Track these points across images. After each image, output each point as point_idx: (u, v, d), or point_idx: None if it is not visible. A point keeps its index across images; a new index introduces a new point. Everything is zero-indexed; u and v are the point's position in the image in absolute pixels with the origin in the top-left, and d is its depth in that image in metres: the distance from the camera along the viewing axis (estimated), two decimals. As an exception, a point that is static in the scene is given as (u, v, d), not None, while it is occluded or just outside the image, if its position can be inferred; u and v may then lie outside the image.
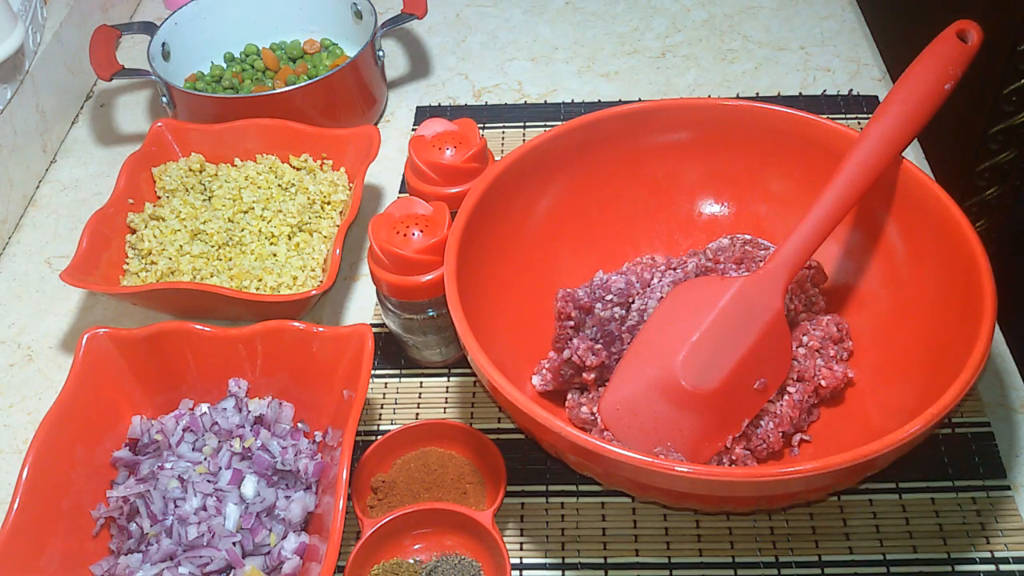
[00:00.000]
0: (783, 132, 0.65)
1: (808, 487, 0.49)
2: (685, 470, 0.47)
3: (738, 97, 0.86)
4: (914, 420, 0.48)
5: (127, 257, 0.73)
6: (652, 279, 0.63)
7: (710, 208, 0.70)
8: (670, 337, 0.58)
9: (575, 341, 0.60)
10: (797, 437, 0.59)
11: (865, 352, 0.62)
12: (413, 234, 0.60)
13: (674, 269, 0.64)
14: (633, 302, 0.62)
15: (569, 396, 0.61)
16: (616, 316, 0.61)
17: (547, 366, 0.61)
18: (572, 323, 0.61)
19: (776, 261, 0.58)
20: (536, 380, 0.61)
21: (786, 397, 0.59)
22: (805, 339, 0.61)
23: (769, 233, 0.68)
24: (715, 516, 0.59)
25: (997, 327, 0.65)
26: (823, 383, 0.59)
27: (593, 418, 0.59)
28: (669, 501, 0.56)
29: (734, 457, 0.57)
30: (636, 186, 0.69)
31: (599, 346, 0.60)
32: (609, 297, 0.61)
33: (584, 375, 0.60)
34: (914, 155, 0.79)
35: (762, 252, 0.65)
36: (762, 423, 0.58)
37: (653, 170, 0.68)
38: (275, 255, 0.72)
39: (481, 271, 0.60)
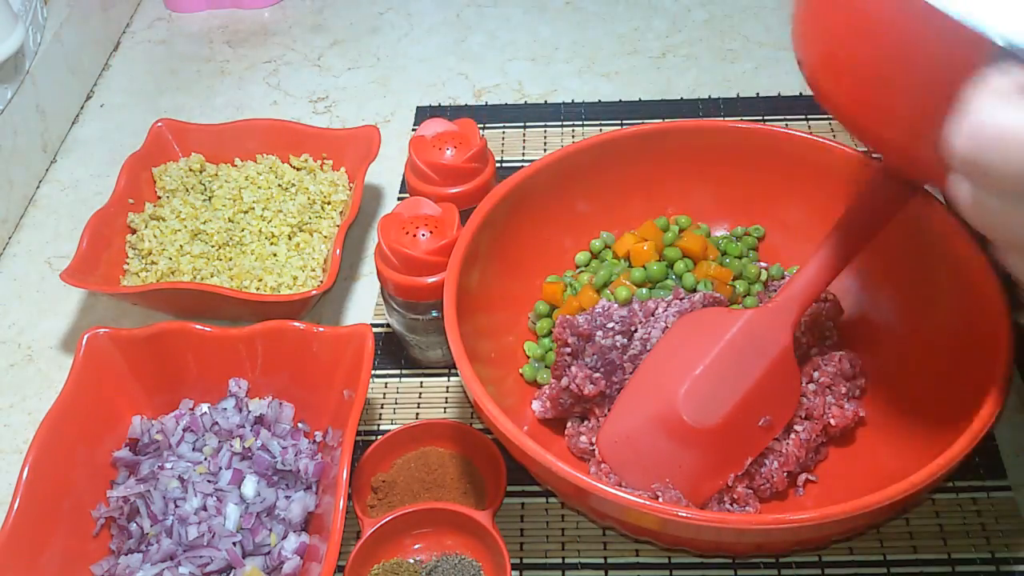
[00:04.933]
0: (802, 157, 0.63)
1: (803, 536, 0.47)
2: (681, 512, 0.46)
3: (738, 97, 0.86)
4: (921, 471, 0.46)
5: (127, 257, 0.73)
6: (656, 308, 0.60)
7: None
8: (673, 369, 0.56)
9: (573, 369, 0.58)
10: (803, 477, 0.57)
11: (879, 389, 0.60)
12: (421, 235, 0.60)
13: (680, 299, 0.61)
14: (636, 330, 0.60)
15: (568, 424, 0.60)
16: (618, 344, 0.59)
17: (547, 393, 0.59)
18: (569, 350, 0.59)
19: (786, 294, 0.56)
20: (536, 406, 0.60)
21: (792, 436, 0.56)
22: (816, 375, 0.59)
23: (785, 262, 0.66)
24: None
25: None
26: (832, 422, 0.57)
27: (592, 448, 0.57)
28: (662, 543, 0.55)
29: (736, 496, 0.55)
30: (649, 209, 0.67)
31: (598, 375, 0.58)
32: (611, 325, 0.59)
33: (585, 404, 0.58)
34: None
35: (775, 283, 0.63)
36: (766, 462, 0.56)
37: (668, 191, 0.67)
38: (275, 255, 0.72)
39: (484, 291, 0.60)
